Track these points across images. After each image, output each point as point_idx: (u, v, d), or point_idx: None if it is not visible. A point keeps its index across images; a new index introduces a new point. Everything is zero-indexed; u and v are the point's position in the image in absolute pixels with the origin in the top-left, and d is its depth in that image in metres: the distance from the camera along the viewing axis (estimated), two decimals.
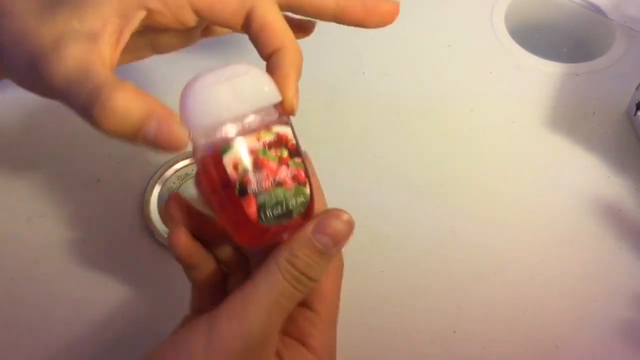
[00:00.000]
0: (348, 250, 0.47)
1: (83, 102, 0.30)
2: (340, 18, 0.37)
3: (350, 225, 0.32)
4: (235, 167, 0.31)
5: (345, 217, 0.32)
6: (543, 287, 0.45)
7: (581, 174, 0.51)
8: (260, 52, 0.35)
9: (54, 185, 0.50)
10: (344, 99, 0.55)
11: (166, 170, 0.49)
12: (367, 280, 0.45)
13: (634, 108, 0.52)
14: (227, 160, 0.31)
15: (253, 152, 0.31)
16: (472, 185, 0.50)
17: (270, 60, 0.34)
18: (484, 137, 0.53)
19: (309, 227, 0.32)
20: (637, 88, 0.52)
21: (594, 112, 0.55)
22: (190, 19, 0.35)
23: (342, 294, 0.38)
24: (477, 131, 0.54)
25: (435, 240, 0.47)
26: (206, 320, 0.31)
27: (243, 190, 0.31)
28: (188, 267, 0.36)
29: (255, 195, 0.31)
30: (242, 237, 0.32)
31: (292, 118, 0.34)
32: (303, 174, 0.33)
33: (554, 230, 0.48)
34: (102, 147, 0.52)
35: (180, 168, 0.50)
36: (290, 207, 0.32)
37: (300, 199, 0.32)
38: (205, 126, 0.31)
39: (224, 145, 0.30)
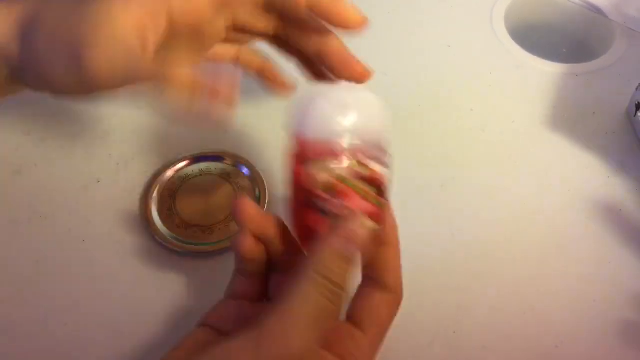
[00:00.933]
0: None
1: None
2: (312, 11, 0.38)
3: (364, 227, 0.33)
4: (317, 181, 0.32)
5: (359, 220, 0.33)
6: (543, 287, 0.45)
7: (581, 174, 0.51)
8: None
9: (54, 185, 0.50)
10: None
11: (166, 170, 0.49)
12: None
13: (634, 108, 0.52)
14: (314, 172, 0.32)
15: (340, 178, 0.32)
16: (472, 186, 0.50)
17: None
18: (483, 137, 0.53)
19: (329, 238, 0.32)
20: (637, 88, 0.52)
21: (593, 113, 0.55)
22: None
23: None
24: (476, 131, 0.54)
25: (434, 240, 0.47)
26: (251, 339, 0.31)
27: (314, 204, 0.32)
28: (242, 263, 0.37)
29: (323, 213, 0.32)
30: (298, 234, 0.34)
31: None
32: (380, 215, 0.33)
33: (553, 231, 0.48)
34: (102, 148, 0.52)
35: (181, 168, 0.50)
36: None
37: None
38: (312, 138, 0.32)
39: (316, 160, 0.32)
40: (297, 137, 0.33)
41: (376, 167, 0.32)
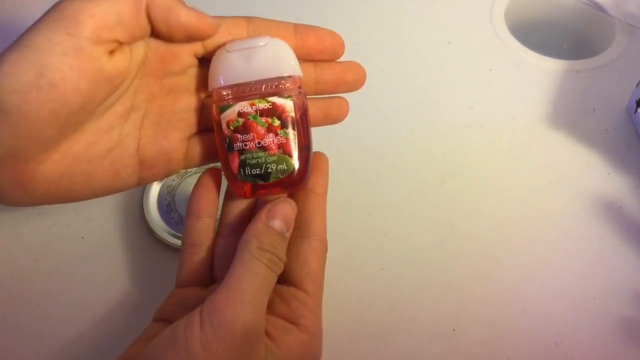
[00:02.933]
0: (347, 248, 0.47)
1: None
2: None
3: (294, 209, 0.37)
4: (228, 125, 0.36)
5: (291, 202, 0.37)
6: (543, 284, 0.45)
7: (581, 171, 0.51)
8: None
9: None
10: (343, 96, 0.55)
11: None
12: (367, 278, 0.45)
13: (635, 105, 0.52)
14: (223, 117, 0.36)
15: (244, 115, 0.36)
16: (472, 183, 0.50)
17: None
18: (483, 134, 0.53)
19: (263, 215, 0.36)
20: (637, 85, 0.52)
21: (594, 109, 0.55)
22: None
23: (341, 293, 0.38)
24: (476, 128, 0.53)
25: (434, 237, 0.47)
26: (199, 313, 0.32)
27: (231, 145, 0.36)
28: (190, 243, 0.38)
29: (239, 152, 0.36)
30: (232, 187, 0.37)
31: None
32: (291, 146, 0.36)
33: (554, 228, 0.48)
34: None
35: None
36: (269, 170, 0.36)
37: (282, 166, 0.36)
38: (219, 88, 0.36)
39: (224, 105, 0.36)
40: (211, 90, 0.37)
41: (277, 100, 0.36)
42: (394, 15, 0.62)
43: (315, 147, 0.38)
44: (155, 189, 0.48)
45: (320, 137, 0.54)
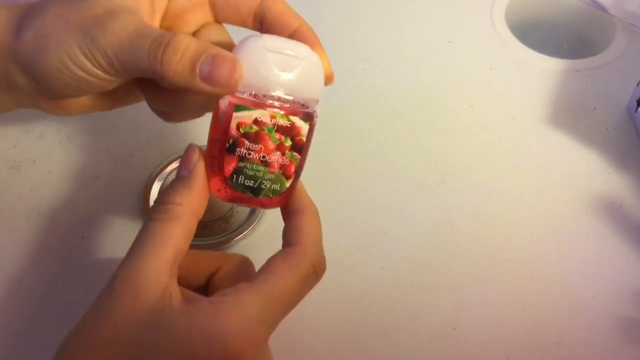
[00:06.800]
0: (347, 248, 0.47)
1: (148, 50, 0.33)
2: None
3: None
4: (239, 127, 0.33)
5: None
6: (543, 283, 0.45)
7: (582, 170, 0.51)
8: (281, 34, 0.37)
9: (54, 182, 0.49)
10: (343, 95, 0.55)
11: (166, 166, 0.49)
12: (367, 277, 0.45)
13: (635, 104, 0.52)
14: (236, 116, 0.33)
15: (260, 124, 0.33)
16: (472, 182, 0.50)
17: (295, 35, 0.37)
18: (483, 133, 0.53)
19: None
20: (637, 84, 0.52)
21: (594, 108, 0.55)
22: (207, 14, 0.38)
23: (341, 293, 0.38)
24: (476, 127, 0.53)
25: (434, 237, 0.47)
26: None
27: (232, 148, 0.34)
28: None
29: (239, 158, 0.34)
30: (211, 185, 0.35)
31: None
32: (293, 170, 0.35)
33: (554, 227, 0.48)
34: (102, 144, 0.52)
35: None
36: (263, 186, 0.35)
37: (275, 187, 0.35)
38: (244, 81, 0.33)
39: (242, 105, 0.33)
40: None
41: (297, 120, 0.34)
42: (394, 15, 0.62)
43: (315, 145, 0.37)
44: (155, 188, 0.48)
45: (320, 137, 0.54)
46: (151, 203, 0.47)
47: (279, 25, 0.37)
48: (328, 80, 0.36)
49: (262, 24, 0.38)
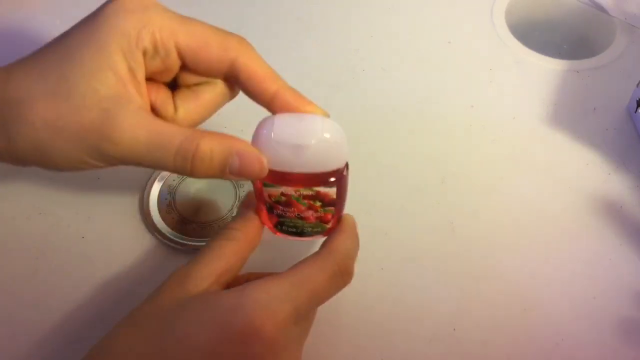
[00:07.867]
0: None
1: (174, 164, 0.35)
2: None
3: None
4: (270, 196, 0.37)
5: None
6: (543, 284, 0.45)
7: (582, 170, 0.51)
8: (259, 99, 0.37)
9: (54, 182, 0.49)
10: (343, 96, 0.55)
11: None
12: (367, 277, 0.45)
13: (635, 105, 0.52)
14: (266, 190, 0.37)
15: (287, 195, 0.37)
16: (472, 182, 0.50)
17: (276, 103, 0.36)
18: (484, 133, 0.53)
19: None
20: (637, 85, 0.52)
21: (594, 109, 0.55)
22: (175, 63, 0.37)
23: (341, 293, 0.38)
24: (477, 128, 0.53)
25: (435, 237, 0.47)
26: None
27: (271, 210, 0.38)
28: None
29: (279, 216, 0.39)
30: (263, 221, 0.40)
31: None
32: (330, 217, 0.39)
33: (554, 227, 0.48)
34: None
35: None
36: (305, 231, 0.40)
37: (317, 230, 0.40)
38: (269, 165, 0.35)
39: (268, 183, 0.36)
40: None
41: (322, 189, 0.36)
42: (394, 15, 0.62)
43: None
44: (155, 188, 0.48)
45: None
46: (151, 203, 0.48)
47: (254, 89, 0.37)
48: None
49: (238, 84, 0.38)
